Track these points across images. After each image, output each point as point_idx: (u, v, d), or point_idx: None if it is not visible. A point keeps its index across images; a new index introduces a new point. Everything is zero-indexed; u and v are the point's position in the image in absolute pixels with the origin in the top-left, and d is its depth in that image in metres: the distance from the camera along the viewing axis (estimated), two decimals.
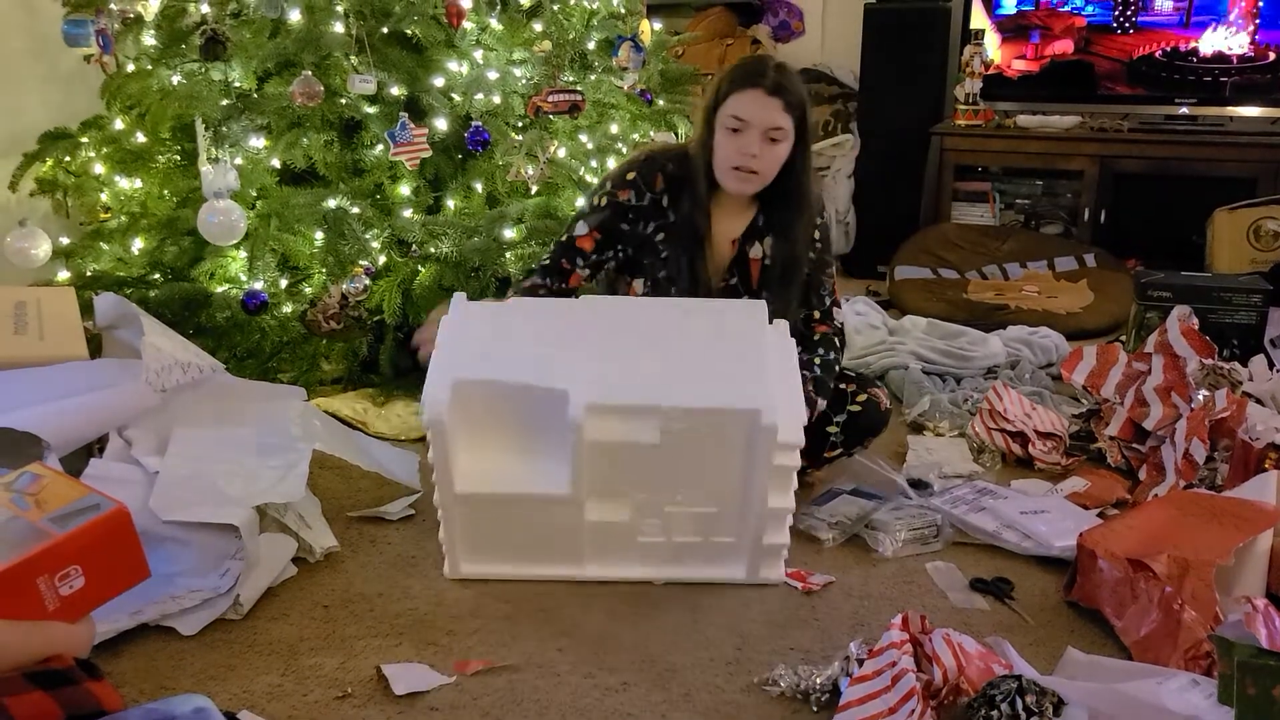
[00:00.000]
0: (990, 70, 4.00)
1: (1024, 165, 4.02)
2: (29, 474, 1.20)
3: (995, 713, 1.34)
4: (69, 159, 2.87)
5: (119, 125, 2.82)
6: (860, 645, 1.52)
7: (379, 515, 2.07)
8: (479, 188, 2.82)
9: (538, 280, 2.07)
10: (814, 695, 1.49)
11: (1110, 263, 3.73)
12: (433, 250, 2.64)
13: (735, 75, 1.95)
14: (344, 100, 2.62)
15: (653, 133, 3.23)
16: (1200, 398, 2.28)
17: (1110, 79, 3.89)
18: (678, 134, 3.28)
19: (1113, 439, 2.33)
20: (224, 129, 2.55)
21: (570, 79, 2.96)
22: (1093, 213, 3.89)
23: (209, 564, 1.74)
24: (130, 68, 2.77)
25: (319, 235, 2.62)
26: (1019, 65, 4.00)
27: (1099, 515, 2.05)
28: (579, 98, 2.85)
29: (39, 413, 1.75)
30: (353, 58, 2.60)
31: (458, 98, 2.75)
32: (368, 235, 2.63)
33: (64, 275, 2.67)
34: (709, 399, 1.67)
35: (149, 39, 2.75)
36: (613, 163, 3.09)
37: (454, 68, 2.77)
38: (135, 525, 1.16)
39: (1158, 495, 2.08)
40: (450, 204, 2.78)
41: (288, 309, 2.61)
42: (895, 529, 1.97)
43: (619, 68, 3.08)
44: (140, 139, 2.79)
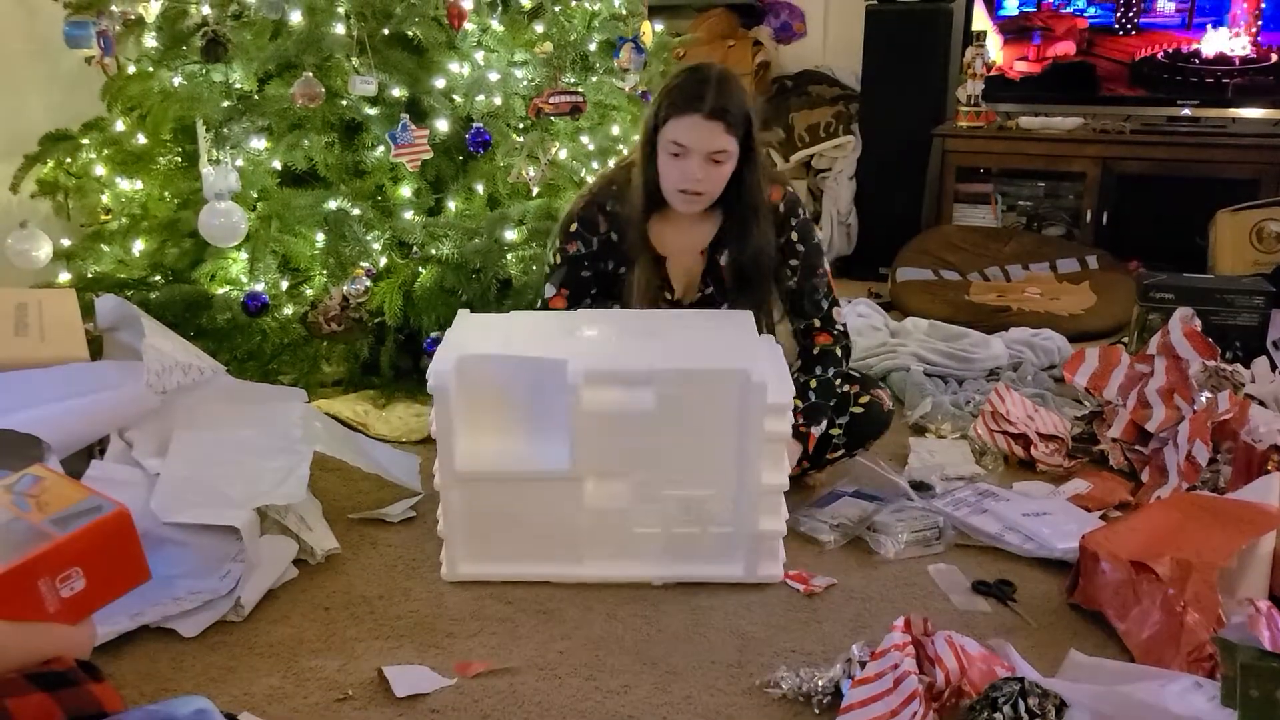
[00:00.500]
0: (992, 72, 3.99)
1: (1026, 167, 4.01)
2: (30, 476, 1.20)
3: (998, 715, 1.34)
4: (70, 161, 2.88)
5: (120, 127, 2.83)
6: (862, 647, 1.52)
7: (380, 517, 2.07)
8: (480, 189, 2.82)
9: None
10: (816, 697, 1.49)
11: (1112, 265, 3.72)
12: (434, 252, 2.64)
13: (674, 98, 1.90)
14: (345, 102, 2.62)
15: None
16: (1203, 400, 2.28)
17: (1112, 80, 3.89)
18: None
19: (1115, 441, 2.33)
20: (225, 131, 2.55)
21: (571, 80, 2.96)
22: (1095, 214, 3.88)
23: (210, 566, 1.74)
24: (131, 69, 2.77)
25: (320, 237, 2.62)
26: (1021, 67, 4.00)
27: (1101, 517, 2.05)
28: (580, 99, 2.85)
29: (40, 414, 1.75)
30: (354, 59, 2.60)
31: (459, 99, 2.75)
32: (369, 237, 2.63)
33: (65, 277, 2.67)
34: (701, 363, 1.75)
35: (150, 41, 2.76)
36: (614, 164, 3.09)
37: (455, 69, 2.77)
38: (136, 527, 1.16)
39: (1160, 497, 2.07)
40: (451, 205, 2.78)
41: (289, 311, 2.61)
42: (897, 531, 1.97)
43: (620, 69, 3.08)
44: (141, 141, 2.79)
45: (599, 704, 1.51)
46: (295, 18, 2.59)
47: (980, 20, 3.98)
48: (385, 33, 2.68)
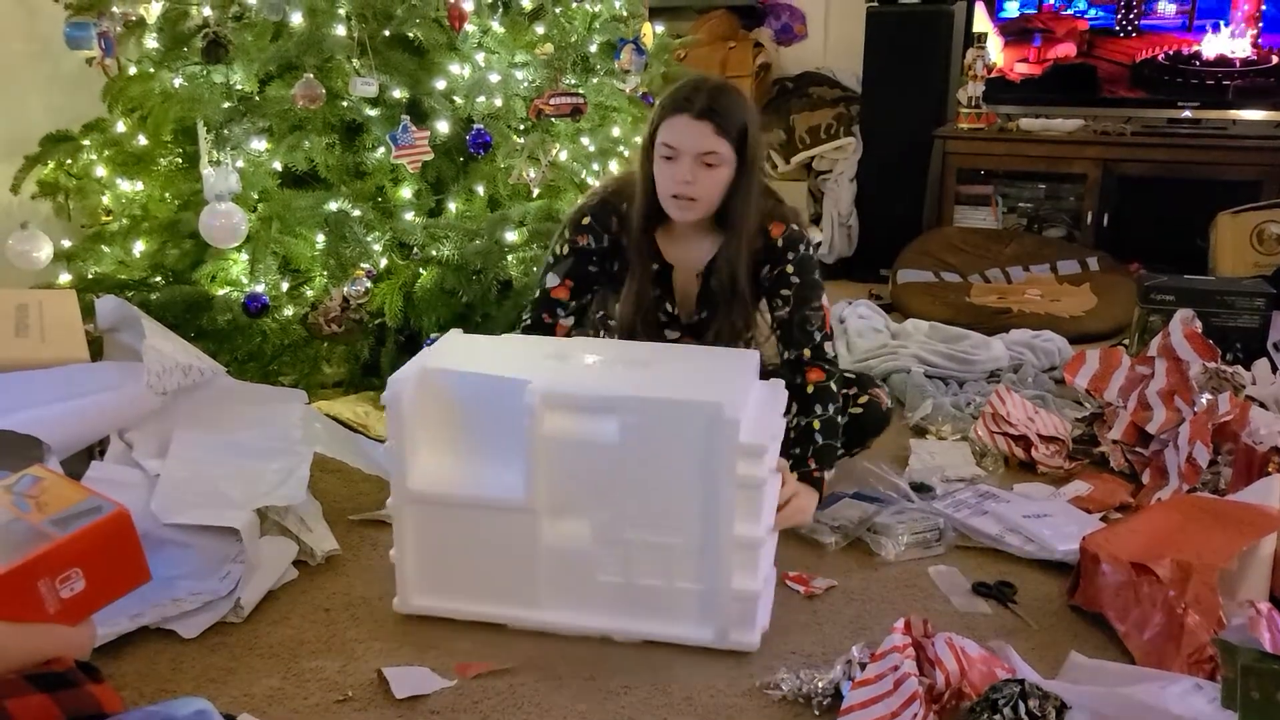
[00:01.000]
0: (993, 73, 4.00)
1: (1026, 168, 4.01)
2: (30, 476, 1.20)
3: (998, 717, 1.33)
4: (71, 162, 2.88)
5: (121, 128, 2.83)
6: (862, 649, 1.51)
7: (380, 518, 2.06)
8: (481, 190, 2.82)
9: None
10: (816, 699, 1.49)
11: (1113, 266, 3.72)
12: (434, 253, 2.64)
13: (666, 102, 1.90)
14: (345, 103, 2.63)
15: None
16: (1203, 401, 2.27)
17: (1113, 82, 3.89)
18: None
19: (1116, 442, 2.33)
20: (226, 132, 2.55)
21: (572, 82, 2.96)
22: (1095, 216, 3.88)
23: (210, 567, 1.74)
24: (132, 70, 2.77)
25: (320, 238, 2.62)
26: (1021, 68, 4.00)
27: (1102, 519, 2.05)
28: (581, 100, 2.85)
29: (40, 415, 1.75)
30: (354, 60, 2.60)
31: (459, 100, 2.75)
32: (369, 238, 2.63)
33: (65, 278, 2.67)
34: (669, 393, 1.57)
35: (151, 42, 2.76)
36: (615, 166, 3.10)
37: (456, 70, 2.77)
38: (136, 528, 1.17)
39: (1161, 499, 2.07)
40: (452, 207, 2.78)
41: (289, 312, 2.61)
42: (897, 533, 1.97)
43: (621, 70, 3.08)
44: (142, 142, 2.79)
45: (599, 705, 1.51)
46: (296, 19, 2.59)
47: (981, 22, 3.98)
48: (386, 34, 2.68)
